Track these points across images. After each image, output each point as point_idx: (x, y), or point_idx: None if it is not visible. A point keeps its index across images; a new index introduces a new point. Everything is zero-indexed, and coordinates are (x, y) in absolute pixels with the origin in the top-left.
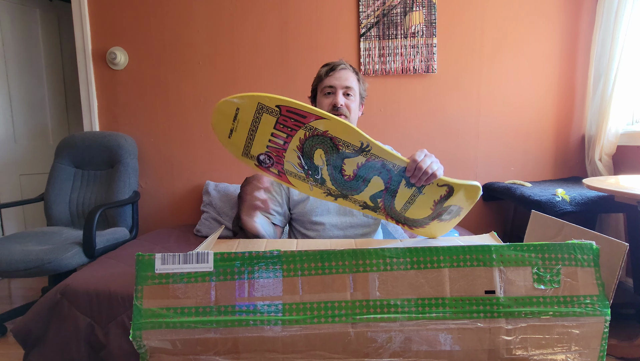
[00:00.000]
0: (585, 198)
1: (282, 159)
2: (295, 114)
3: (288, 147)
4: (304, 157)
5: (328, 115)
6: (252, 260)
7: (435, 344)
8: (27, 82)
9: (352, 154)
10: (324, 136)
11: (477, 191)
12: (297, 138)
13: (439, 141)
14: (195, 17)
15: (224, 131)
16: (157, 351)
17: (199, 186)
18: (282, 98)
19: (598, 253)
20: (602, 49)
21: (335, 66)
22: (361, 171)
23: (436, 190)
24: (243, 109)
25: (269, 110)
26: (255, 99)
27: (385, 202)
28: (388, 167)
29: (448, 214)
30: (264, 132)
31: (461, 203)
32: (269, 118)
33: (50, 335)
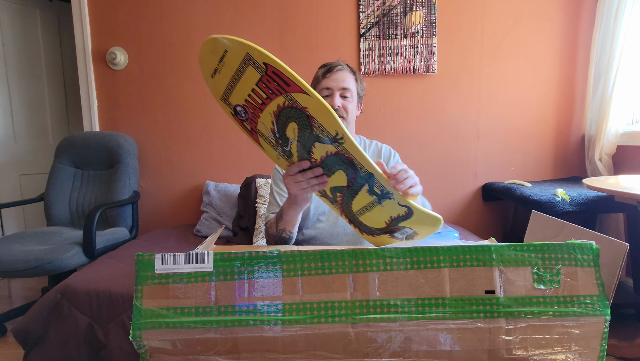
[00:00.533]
0: (585, 198)
1: (257, 118)
2: (280, 79)
3: (265, 109)
4: (277, 125)
5: (312, 92)
6: (252, 260)
7: (435, 344)
8: (27, 82)
9: (325, 139)
10: (302, 111)
11: (437, 223)
12: (275, 103)
13: (439, 141)
14: (195, 17)
15: (209, 69)
16: (157, 351)
17: (199, 186)
18: (271, 57)
19: (598, 253)
20: (602, 49)
21: (331, 67)
22: (328, 160)
23: (396, 207)
24: (231, 54)
25: (255, 64)
26: (245, 48)
27: (344, 198)
28: (356, 167)
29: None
30: (245, 85)
31: (418, 229)
32: (254, 73)
33: (50, 335)
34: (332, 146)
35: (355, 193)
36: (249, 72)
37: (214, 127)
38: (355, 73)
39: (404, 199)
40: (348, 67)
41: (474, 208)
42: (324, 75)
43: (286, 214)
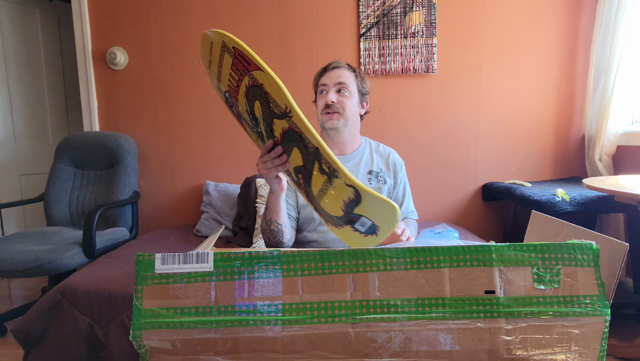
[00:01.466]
0: (585, 198)
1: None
2: (243, 59)
3: (239, 92)
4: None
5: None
6: (252, 260)
7: (435, 344)
8: (27, 82)
9: (279, 115)
10: (260, 88)
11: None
12: (244, 84)
13: (439, 141)
14: (195, 17)
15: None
16: (157, 351)
17: (199, 186)
18: (237, 40)
19: (598, 253)
20: (602, 49)
21: (328, 65)
22: (285, 136)
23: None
24: (214, 45)
25: (228, 50)
26: (221, 37)
27: (305, 181)
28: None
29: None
30: (226, 70)
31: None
32: (228, 58)
33: (50, 335)
34: (284, 121)
35: (310, 172)
36: (226, 58)
37: (214, 127)
38: (356, 71)
39: (350, 178)
40: (347, 65)
41: (474, 208)
42: (321, 74)
43: (269, 203)
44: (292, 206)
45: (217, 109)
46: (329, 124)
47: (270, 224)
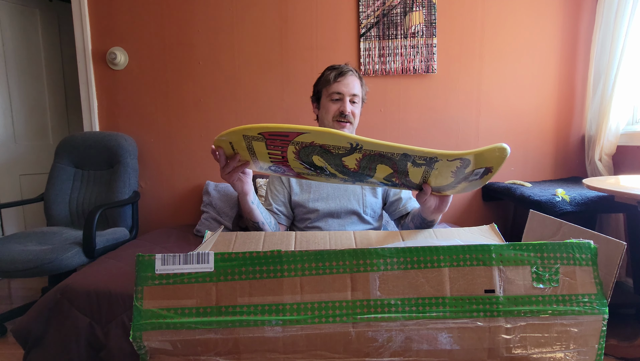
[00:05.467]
0: (585, 198)
1: (289, 167)
2: (279, 135)
3: (287, 158)
4: (305, 163)
5: (307, 128)
6: (253, 260)
7: (436, 343)
8: (27, 82)
9: (346, 153)
10: (312, 145)
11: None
12: (290, 152)
13: (439, 141)
14: (195, 17)
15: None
16: (158, 352)
17: (199, 186)
18: (261, 126)
19: (596, 252)
20: (602, 49)
21: (343, 71)
22: (363, 162)
23: (448, 164)
24: (235, 142)
25: (254, 138)
26: (240, 133)
27: (400, 180)
28: (388, 156)
29: (475, 175)
30: (262, 153)
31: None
32: (259, 143)
33: (50, 335)
34: (356, 153)
35: (405, 172)
36: (256, 144)
37: (214, 127)
38: (361, 78)
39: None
40: (356, 71)
41: (474, 208)
42: (336, 78)
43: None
44: (282, 202)
45: (217, 108)
46: None
47: (248, 222)
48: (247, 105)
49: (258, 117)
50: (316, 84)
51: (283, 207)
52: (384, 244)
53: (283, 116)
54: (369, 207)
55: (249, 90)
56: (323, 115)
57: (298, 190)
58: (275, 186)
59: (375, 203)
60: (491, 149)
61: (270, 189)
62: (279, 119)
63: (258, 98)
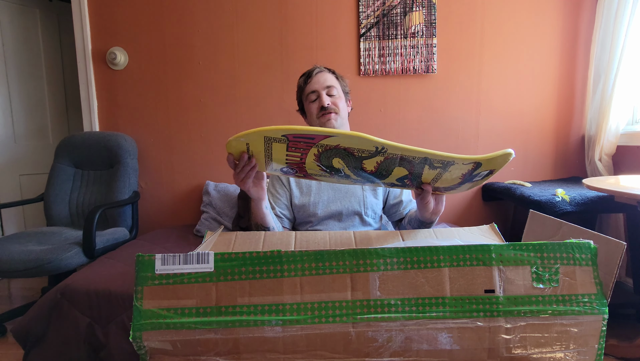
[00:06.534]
0: (585, 198)
1: (303, 168)
2: (304, 138)
3: (306, 160)
4: (323, 165)
5: (336, 132)
6: (253, 260)
7: (436, 343)
8: (27, 82)
9: (369, 156)
10: (337, 148)
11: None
12: (311, 154)
13: (439, 141)
14: (195, 17)
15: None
16: (158, 352)
17: (199, 186)
18: (286, 128)
19: (596, 252)
20: (602, 49)
21: (311, 72)
22: (382, 165)
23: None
24: (252, 143)
25: (276, 139)
26: (262, 134)
27: (412, 181)
28: (409, 160)
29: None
30: (279, 155)
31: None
32: (279, 145)
33: (50, 335)
34: (379, 156)
35: (419, 175)
36: (276, 146)
37: (214, 128)
38: (335, 72)
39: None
40: (326, 68)
41: (474, 208)
42: (306, 82)
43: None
44: (285, 205)
45: (217, 109)
46: (329, 124)
47: (258, 228)
48: (247, 105)
49: (258, 117)
50: (296, 96)
51: (286, 210)
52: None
53: (283, 116)
54: (369, 208)
55: (249, 90)
56: (310, 120)
57: (298, 193)
58: (276, 189)
59: (375, 204)
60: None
61: (272, 192)
62: (279, 119)
63: (258, 98)
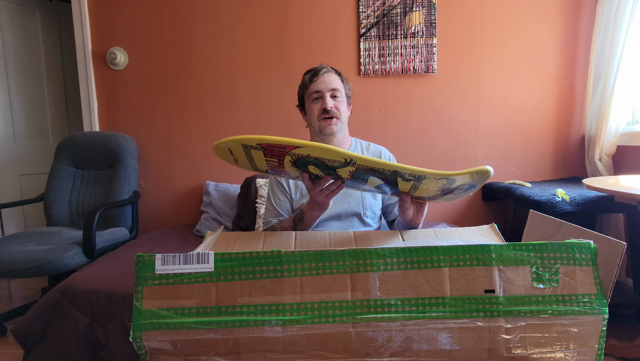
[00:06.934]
0: (585, 198)
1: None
2: (276, 147)
3: (284, 166)
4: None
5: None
6: (253, 260)
7: (436, 343)
8: (27, 82)
9: (340, 165)
10: (308, 158)
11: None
12: (287, 161)
13: (439, 141)
14: (195, 17)
15: (230, 161)
16: (158, 352)
17: (199, 186)
18: (260, 137)
19: (596, 252)
20: (602, 49)
21: (317, 70)
22: (355, 174)
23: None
24: (234, 149)
25: (253, 147)
26: (239, 142)
27: (390, 189)
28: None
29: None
30: (260, 160)
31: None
32: (257, 152)
33: (50, 335)
34: (350, 166)
35: (395, 183)
36: (254, 153)
37: (214, 127)
38: (341, 74)
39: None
40: (333, 69)
41: (474, 208)
42: (311, 80)
43: (308, 217)
44: (288, 210)
45: (217, 108)
46: (329, 129)
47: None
48: (247, 105)
49: (258, 118)
50: (298, 91)
51: (288, 215)
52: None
53: (283, 117)
54: (369, 209)
55: (249, 90)
56: (309, 119)
57: (298, 197)
58: (278, 195)
59: (375, 205)
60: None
61: (274, 197)
62: (279, 119)
63: (258, 98)
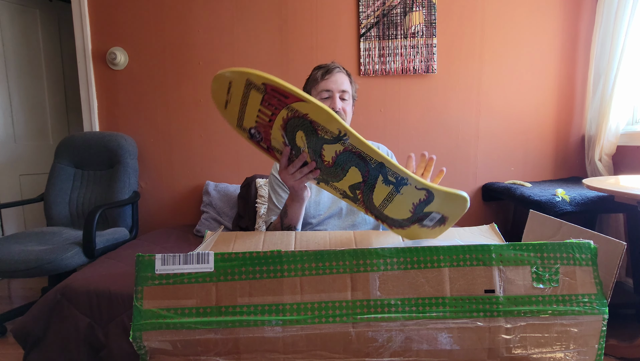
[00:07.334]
0: (585, 198)
1: (269, 135)
2: (279, 93)
3: (273, 125)
4: (287, 137)
5: (308, 98)
6: (253, 260)
7: (436, 343)
8: (27, 82)
9: (330, 140)
10: (304, 118)
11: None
12: (280, 117)
13: (439, 141)
14: (195, 17)
15: (221, 102)
16: (158, 352)
17: (199, 186)
18: (268, 77)
19: (596, 252)
20: (602, 49)
21: (330, 68)
22: (339, 158)
23: (415, 193)
24: (234, 84)
25: (256, 87)
26: (245, 75)
27: (364, 195)
28: (366, 160)
29: (430, 220)
30: (253, 107)
31: (445, 211)
32: (256, 94)
33: (50, 335)
34: (339, 144)
35: (372, 186)
36: (253, 95)
37: (214, 127)
38: (350, 75)
39: (421, 181)
40: (343, 69)
41: (474, 208)
42: (323, 76)
43: (290, 210)
44: None
45: (217, 109)
46: None
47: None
48: None
49: None
50: (305, 85)
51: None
52: (384, 244)
53: None
54: None
55: None
56: None
57: None
58: (278, 192)
59: None
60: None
61: (275, 195)
62: None
63: None
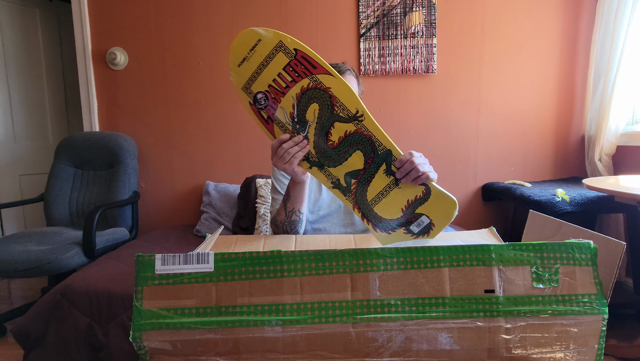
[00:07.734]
0: (585, 198)
1: (277, 103)
2: (308, 62)
3: (288, 92)
4: (298, 108)
5: (336, 74)
6: (253, 260)
7: (436, 343)
8: (27, 82)
9: (345, 119)
10: (325, 91)
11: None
12: (299, 86)
13: (439, 141)
14: (195, 17)
15: (238, 58)
16: (157, 352)
17: (199, 186)
18: (302, 44)
19: (596, 252)
20: (602, 49)
21: (341, 70)
22: (347, 139)
23: (413, 188)
24: (264, 42)
25: (286, 50)
26: (279, 37)
27: (358, 186)
28: (374, 145)
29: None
30: (272, 70)
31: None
32: (283, 58)
33: (50, 335)
34: (352, 124)
35: (371, 176)
36: (279, 57)
37: (214, 127)
38: (358, 77)
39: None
40: (353, 70)
41: (474, 208)
42: None
43: (294, 193)
44: None
45: (217, 109)
46: None
47: (292, 215)
48: None
49: None
50: None
51: None
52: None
53: None
54: None
55: None
56: None
57: None
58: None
59: None
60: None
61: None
62: None
63: None
